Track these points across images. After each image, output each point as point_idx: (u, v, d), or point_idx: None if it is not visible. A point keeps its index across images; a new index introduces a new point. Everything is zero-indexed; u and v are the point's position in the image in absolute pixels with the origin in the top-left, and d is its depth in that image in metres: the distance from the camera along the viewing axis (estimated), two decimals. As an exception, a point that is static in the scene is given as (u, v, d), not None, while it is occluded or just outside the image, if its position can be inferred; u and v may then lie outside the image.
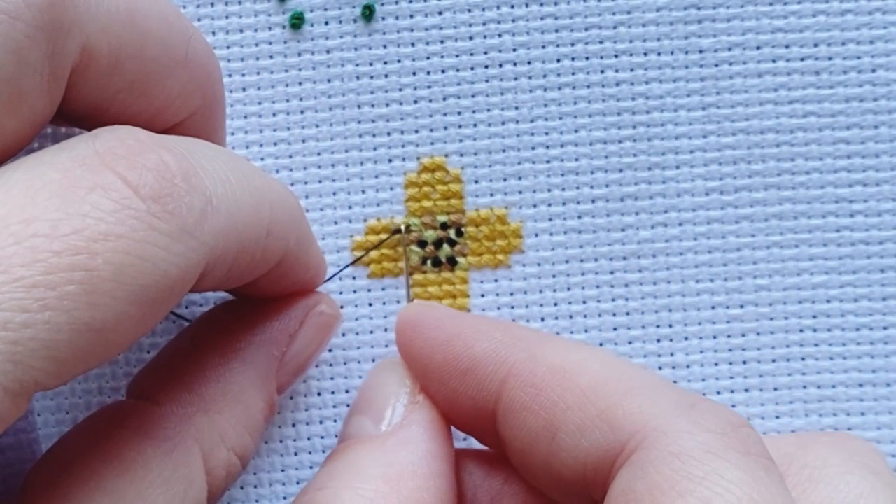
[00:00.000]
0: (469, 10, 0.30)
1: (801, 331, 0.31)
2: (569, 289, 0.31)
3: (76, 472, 0.24)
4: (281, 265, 0.26)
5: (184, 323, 0.31)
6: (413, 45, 0.31)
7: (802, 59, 0.31)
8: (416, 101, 0.31)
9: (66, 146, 0.22)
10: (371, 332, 0.31)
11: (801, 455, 0.26)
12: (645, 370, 0.26)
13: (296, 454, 0.31)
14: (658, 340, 0.31)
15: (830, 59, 0.31)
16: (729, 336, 0.31)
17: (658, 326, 0.31)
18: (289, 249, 0.26)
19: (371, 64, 0.31)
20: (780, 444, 0.26)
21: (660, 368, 0.31)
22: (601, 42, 0.31)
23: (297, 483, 0.31)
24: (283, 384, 0.28)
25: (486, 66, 0.31)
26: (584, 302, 0.31)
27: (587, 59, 0.31)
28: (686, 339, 0.31)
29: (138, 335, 0.22)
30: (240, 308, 0.29)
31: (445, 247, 0.31)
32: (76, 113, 0.24)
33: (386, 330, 0.31)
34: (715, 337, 0.31)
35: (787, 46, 0.31)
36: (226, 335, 0.28)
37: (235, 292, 0.29)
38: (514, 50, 0.31)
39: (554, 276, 0.31)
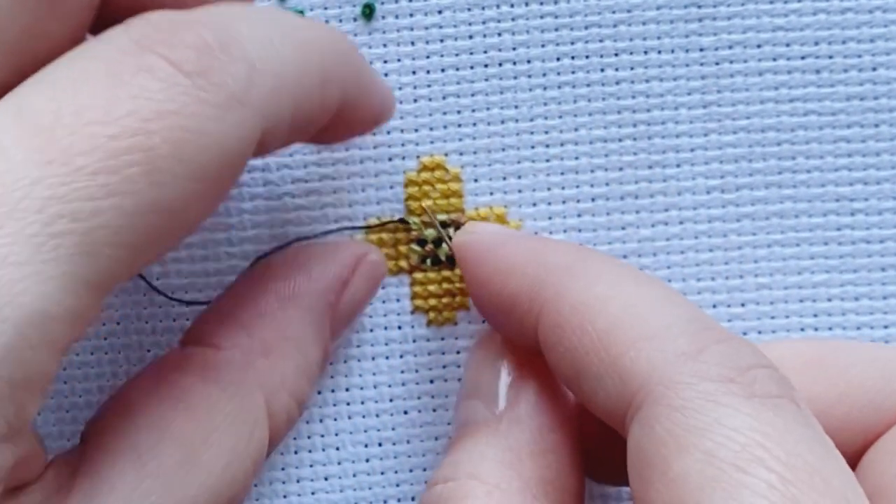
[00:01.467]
0: (469, 10, 0.30)
1: (802, 329, 0.31)
2: (569, 288, 0.31)
3: (141, 417, 0.24)
4: (344, 108, 0.26)
5: (170, 319, 0.31)
6: (413, 43, 0.31)
7: (803, 58, 0.30)
8: (415, 100, 0.31)
9: (102, 39, 0.22)
10: (371, 331, 0.31)
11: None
12: (669, 302, 0.24)
13: (296, 452, 0.31)
14: (658, 339, 0.31)
15: (831, 57, 0.30)
16: (729, 335, 0.31)
17: (658, 325, 0.31)
18: (347, 91, 0.26)
19: (371, 63, 0.31)
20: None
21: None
22: (601, 41, 0.30)
23: (298, 482, 0.31)
24: (334, 332, 0.29)
25: (486, 66, 0.31)
26: (584, 301, 0.31)
27: (587, 57, 0.31)
28: (686, 337, 0.31)
29: (205, 213, 0.22)
30: (291, 254, 0.29)
31: (445, 246, 0.31)
32: (113, 16, 0.23)
33: (386, 329, 0.31)
34: (715, 336, 0.31)
35: (787, 45, 0.30)
36: (282, 281, 0.28)
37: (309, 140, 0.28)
38: (514, 49, 0.30)
39: (554, 275, 0.31)
